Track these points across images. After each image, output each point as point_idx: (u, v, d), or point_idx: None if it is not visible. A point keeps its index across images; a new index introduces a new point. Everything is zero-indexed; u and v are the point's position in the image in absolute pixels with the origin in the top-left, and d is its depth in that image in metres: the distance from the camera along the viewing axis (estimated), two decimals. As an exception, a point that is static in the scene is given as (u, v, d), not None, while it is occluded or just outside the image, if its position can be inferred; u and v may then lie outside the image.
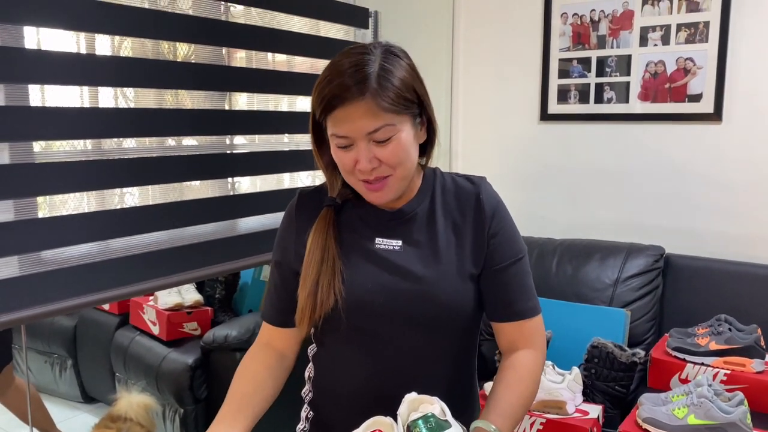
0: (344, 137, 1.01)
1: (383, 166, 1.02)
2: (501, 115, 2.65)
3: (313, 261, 1.08)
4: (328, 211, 1.12)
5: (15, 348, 2.96)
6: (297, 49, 2.20)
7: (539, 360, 1.13)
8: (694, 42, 2.20)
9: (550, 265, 2.28)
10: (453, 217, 1.12)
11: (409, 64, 1.05)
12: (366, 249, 1.10)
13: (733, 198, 2.20)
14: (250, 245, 2.07)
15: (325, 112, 1.01)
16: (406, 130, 1.02)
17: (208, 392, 2.59)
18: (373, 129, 0.99)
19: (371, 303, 1.07)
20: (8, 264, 1.50)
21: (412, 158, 1.06)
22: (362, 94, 0.98)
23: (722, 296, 2.09)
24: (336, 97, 0.99)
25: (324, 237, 1.09)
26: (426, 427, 0.92)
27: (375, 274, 1.08)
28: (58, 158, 1.62)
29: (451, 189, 1.14)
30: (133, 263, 1.75)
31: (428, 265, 1.08)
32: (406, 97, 1.01)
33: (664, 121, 2.30)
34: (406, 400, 0.97)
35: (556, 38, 2.48)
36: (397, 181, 1.05)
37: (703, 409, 1.53)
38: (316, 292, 1.06)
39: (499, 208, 1.13)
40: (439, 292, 1.07)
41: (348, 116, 0.99)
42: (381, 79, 0.99)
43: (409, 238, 1.10)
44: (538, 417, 1.72)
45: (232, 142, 2.09)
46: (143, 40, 1.82)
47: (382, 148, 1.01)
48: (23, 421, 2.55)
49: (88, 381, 3.12)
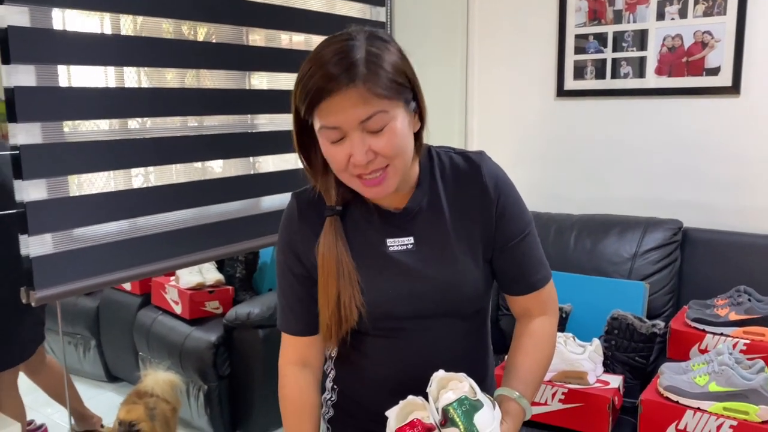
0: (335, 128, 0.94)
1: (379, 158, 0.95)
2: (517, 92, 2.66)
3: (330, 277, 1.04)
4: (332, 221, 1.06)
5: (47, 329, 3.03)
6: (313, 27, 2.22)
7: (554, 324, 1.16)
8: (712, 15, 2.20)
9: (569, 240, 2.30)
10: (457, 203, 1.09)
11: (397, 48, 0.98)
12: (380, 253, 1.07)
13: (751, 171, 2.21)
14: (272, 224, 2.11)
15: (311, 107, 0.94)
16: (400, 117, 0.96)
17: (231, 369, 2.64)
18: (366, 117, 0.92)
19: (393, 308, 1.07)
20: (43, 241, 1.54)
21: (409, 148, 1.00)
22: (351, 80, 0.90)
23: (740, 268, 2.10)
24: (322, 88, 0.91)
25: (335, 249, 1.04)
26: (461, 409, 0.94)
27: (394, 280, 1.06)
28: (87, 138, 1.65)
29: (450, 173, 1.10)
30: (161, 241, 1.79)
31: (443, 260, 1.07)
32: (397, 81, 0.95)
33: (682, 95, 2.30)
34: (434, 379, 0.99)
35: (572, 14, 2.47)
36: (396, 172, 0.98)
37: (724, 377, 1.56)
38: (339, 308, 1.04)
39: (503, 185, 1.09)
40: (458, 286, 1.07)
41: (337, 106, 0.92)
42: (370, 64, 0.92)
43: (420, 234, 1.08)
44: (559, 387, 1.75)
45: (253, 121, 2.12)
46: (164, 20, 1.84)
47: (376, 138, 0.94)
48: (55, 400, 2.61)
49: (112, 360, 3.19)
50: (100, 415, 2.70)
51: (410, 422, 0.97)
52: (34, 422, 2.67)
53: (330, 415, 1.23)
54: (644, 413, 1.64)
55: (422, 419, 0.97)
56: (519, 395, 1.04)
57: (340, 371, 1.20)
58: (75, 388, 2.65)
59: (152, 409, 2.22)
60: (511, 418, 1.03)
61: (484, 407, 0.96)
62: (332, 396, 1.22)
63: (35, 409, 2.78)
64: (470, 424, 0.94)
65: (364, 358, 1.13)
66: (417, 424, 0.97)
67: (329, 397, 1.23)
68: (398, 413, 0.99)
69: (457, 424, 0.94)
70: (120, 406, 2.27)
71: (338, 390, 1.21)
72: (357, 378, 1.16)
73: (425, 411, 0.99)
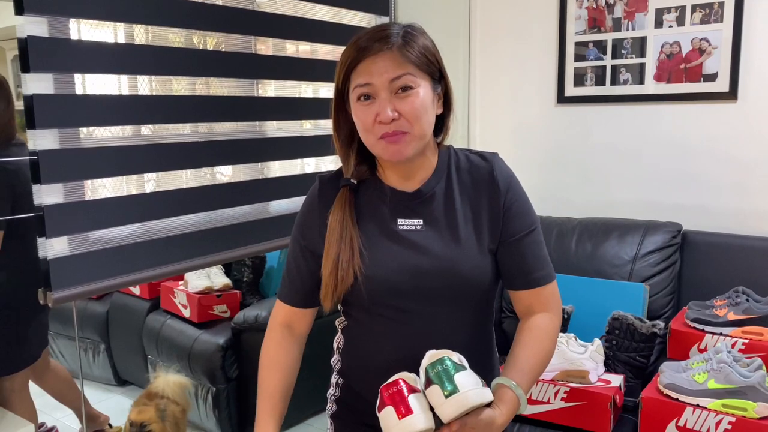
0: (367, 84, 1.06)
1: (402, 119, 1.05)
2: (518, 99, 2.71)
3: (333, 239, 1.12)
4: (344, 191, 1.15)
5: (50, 334, 3.08)
6: (320, 36, 2.28)
7: (555, 321, 1.18)
8: (709, 22, 2.25)
9: (570, 243, 2.35)
10: (469, 194, 1.16)
11: (430, 39, 1.12)
12: (390, 230, 1.14)
13: (749, 175, 2.25)
14: (280, 227, 2.16)
15: (349, 71, 1.07)
16: (425, 88, 1.07)
17: (239, 371, 2.68)
18: (396, 76, 1.05)
19: (397, 282, 1.12)
20: (60, 244, 1.59)
21: (429, 119, 1.10)
22: (388, 46, 1.05)
23: (739, 270, 2.14)
24: (361, 50, 1.06)
25: (342, 215, 1.13)
26: (442, 367, 0.98)
27: (400, 254, 1.12)
28: (102, 144, 1.70)
29: (465, 167, 1.18)
30: (173, 244, 1.84)
31: (449, 243, 1.12)
32: (428, 57, 1.08)
33: (680, 101, 2.35)
34: (427, 355, 1.03)
35: (572, 22, 2.53)
36: (414, 139, 1.08)
37: (722, 374, 1.60)
38: (337, 269, 1.11)
39: (512, 182, 1.17)
40: (461, 269, 1.12)
41: (372, 64, 1.05)
42: (406, 37, 1.07)
43: (430, 217, 1.14)
44: (562, 386, 1.79)
45: (261, 128, 2.17)
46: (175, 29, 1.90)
47: (402, 100, 1.05)
48: (62, 403, 2.65)
49: (121, 364, 3.23)
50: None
51: (394, 381, 1.01)
52: (45, 425, 2.71)
53: (333, 411, 1.27)
54: (645, 410, 1.68)
55: (407, 381, 1.01)
56: (515, 385, 1.07)
57: (345, 362, 1.25)
58: (78, 389, 2.68)
59: (163, 411, 2.26)
60: (505, 405, 1.05)
61: (467, 371, 0.99)
62: (336, 391, 1.27)
63: (45, 413, 2.82)
64: (450, 382, 0.96)
65: (369, 345, 1.18)
66: (399, 382, 1.00)
67: (333, 393, 1.28)
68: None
69: (435, 382, 0.97)
70: (131, 407, 2.32)
71: (342, 384, 1.26)
72: (361, 369, 1.21)
73: (416, 383, 1.02)
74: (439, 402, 0.97)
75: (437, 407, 0.97)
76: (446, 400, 0.96)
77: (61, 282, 1.58)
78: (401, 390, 0.99)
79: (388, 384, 1.02)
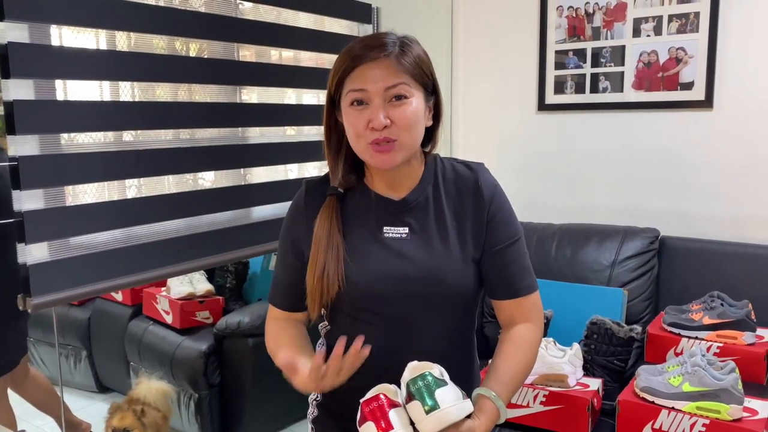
0: (361, 90, 1.06)
1: (394, 127, 1.06)
2: (500, 106, 2.74)
3: (320, 248, 1.13)
4: (331, 199, 1.16)
5: (31, 341, 3.05)
6: (303, 44, 2.29)
7: (537, 332, 1.19)
8: (686, 32, 2.29)
9: (550, 248, 2.37)
10: (454, 203, 1.17)
11: (424, 51, 1.13)
12: (375, 237, 1.15)
13: (725, 181, 2.29)
14: (262, 233, 2.17)
15: (344, 76, 1.08)
16: (418, 99, 1.09)
17: (221, 377, 2.68)
18: (392, 84, 1.06)
19: (381, 289, 1.13)
20: (40, 249, 1.58)
21: (420, 130, 1.11)
22: (385, 53, 1.06)
23: (715, 275, 2.17)
24: (357, 57, 1.06)
25: (329, 224, 1.14)
26: (423, 382, 0.99)
27: (385, 262, 1.13)
28: (83, 150, 1.70)
29: (451, 177, 1.19)
30: (154, 249, 1.84)
31: (434, 251, 1.14)
32: (423, 69, 1.10)
33: (658, 108, 2.39)
34: (408, 367, 1.04)
35: (552, 31, 2.57)
36: (403, 148, 1.09)
37: (696, 377, 1.63)
38: (322, 279, 1.11)
39: (497, 192, 1.19)
40: (445, 277, 1.13)
41: (368, 71, 1.06)
42: (402, 46, 1.08)
43: (415, 225, 1.15)
44: (541, 390, 1.81)
45: (243, 134, 2.18)
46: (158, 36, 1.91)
47: (395, 108, 1.06)
48: (42, 411, 2.63)
49: (103, 371, 3.21)
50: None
51: (375, 396, 1.02)
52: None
53: (315, 415, 1.28)
54: (622, 413, 1.70)
55: (388, 395, 1.01)
56: (495, 395, 1.08)
57: None
58: (58, 397, 2.65)
59: (144, 417, 2.25)
60: (485, 415, 1.05)
61: (448, 386, 1.00)
62: (318, 396, 1.28)
63: (26, 420, 2.79)
64: (431, 398, 0.97)
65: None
66: (380, 397, 1.01)
67: (315, 397, 1.28)
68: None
69: (416, 397, 0.98)
70: (109, 412, 2.30)
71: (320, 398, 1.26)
72: None
73: (396, 396, 1.03)
74: (419, 418, 0.98)
75: (418, 423, 0.99)
76: (427, 417, 0.97)
77: (40, 288, 1.58)
78: (382, 405, 1.00)
79: (369, 399, 1.02)
